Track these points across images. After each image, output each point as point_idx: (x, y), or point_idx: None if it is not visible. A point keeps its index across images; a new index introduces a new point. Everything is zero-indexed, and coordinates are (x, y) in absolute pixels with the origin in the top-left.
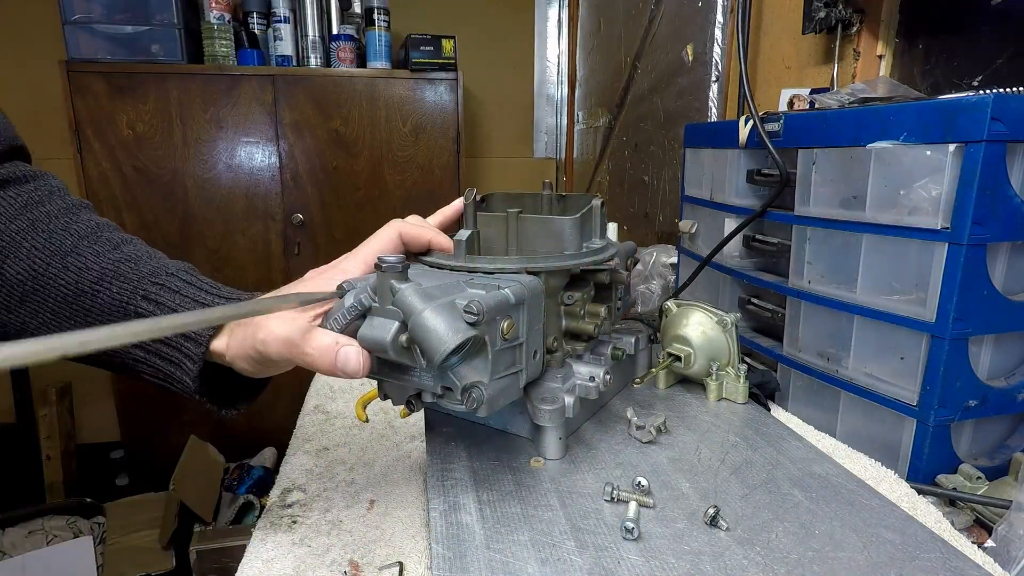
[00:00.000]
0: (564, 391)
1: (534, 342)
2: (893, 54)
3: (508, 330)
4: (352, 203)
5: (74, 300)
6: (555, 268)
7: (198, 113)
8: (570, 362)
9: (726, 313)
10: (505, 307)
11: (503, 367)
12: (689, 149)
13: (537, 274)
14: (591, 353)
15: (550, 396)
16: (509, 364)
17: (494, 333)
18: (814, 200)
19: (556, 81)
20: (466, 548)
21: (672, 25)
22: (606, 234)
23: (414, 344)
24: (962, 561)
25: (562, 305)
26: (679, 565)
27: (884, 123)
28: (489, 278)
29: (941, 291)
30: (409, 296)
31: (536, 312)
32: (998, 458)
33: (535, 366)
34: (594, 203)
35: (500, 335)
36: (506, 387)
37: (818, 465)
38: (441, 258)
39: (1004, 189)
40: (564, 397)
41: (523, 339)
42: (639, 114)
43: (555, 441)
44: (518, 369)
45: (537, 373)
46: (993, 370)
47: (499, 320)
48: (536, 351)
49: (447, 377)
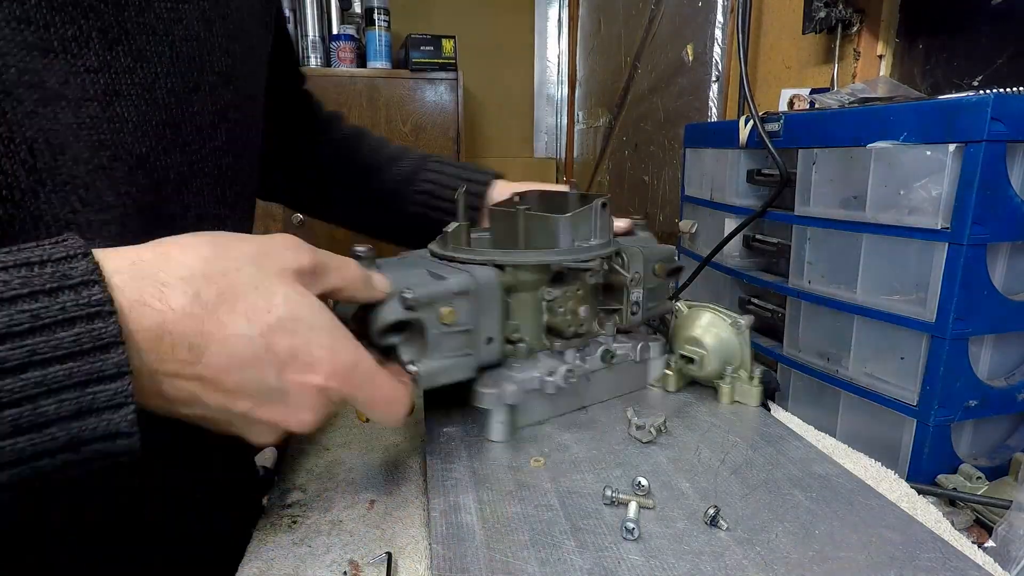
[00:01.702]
0: (513, 379)
1: (488, 329)
2: (893, 54)
3: (448, 316)
4: None
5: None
6: (518, 263)
7: None
8: (541, 355)
9: (740, 316)
10: (444, 296)
11: (448, 349)
12: (689, 149)
13: (503, 268)
14: (578, 351)
15: (493, 381)
16: (457, 347)
17: (432, 317)
18: (814, 200)
19: (556, 81)
20: (466, 548)
21: (672, 25)
22: (608, 235)
23: None
24: (962, 561)
25: (543, 301)
26: (679, 565)
27: (884, 123)
28: (459, 267)
29: (941, 291)
30: None
31: (489, 302)
32: (998, 458)
33: (489, 352)
34: (594, 203)
35: (438, 320)
36: (449, 367)
37: (818, 465)
38: (436, 247)
39: (1004, 189)
40: (507, 384)
41: (471, 326)
42: (639, 114)
43: (495, 424)
44: (468, 353)
45: (493, 359)
46: (993, 370)
47: (436, 306)
48: (491, 338)
49: (395, 353)
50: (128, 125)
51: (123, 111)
